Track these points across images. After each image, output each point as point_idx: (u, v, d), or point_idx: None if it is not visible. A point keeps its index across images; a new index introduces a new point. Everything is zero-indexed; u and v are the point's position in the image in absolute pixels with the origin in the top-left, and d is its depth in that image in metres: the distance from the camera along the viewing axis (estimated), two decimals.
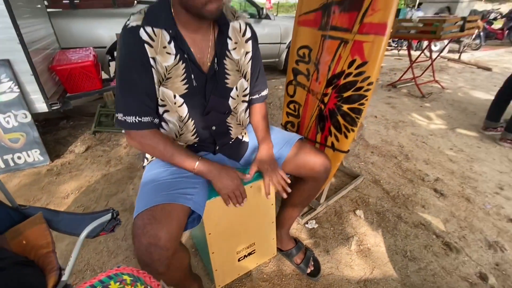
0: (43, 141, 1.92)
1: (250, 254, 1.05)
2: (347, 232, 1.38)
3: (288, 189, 0.90)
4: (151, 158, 0.90)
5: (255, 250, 1.06)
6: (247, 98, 0.93)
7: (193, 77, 0.76)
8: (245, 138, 1.01)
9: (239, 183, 0.83)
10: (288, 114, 1.46)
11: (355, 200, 1.60)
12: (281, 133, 1.04)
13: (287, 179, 0.91)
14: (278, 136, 1.01)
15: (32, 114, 1.83)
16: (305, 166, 0.93)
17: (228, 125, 0.91)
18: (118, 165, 1.97)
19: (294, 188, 1.03)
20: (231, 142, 0.97)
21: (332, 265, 1.22)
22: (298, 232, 1.39)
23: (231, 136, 0.95)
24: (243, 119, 0.96)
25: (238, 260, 1.03)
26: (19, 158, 1.86)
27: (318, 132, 1.28)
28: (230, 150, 0.97)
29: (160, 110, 0.79)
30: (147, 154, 0.91)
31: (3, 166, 1.84)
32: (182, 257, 0.76)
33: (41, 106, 1.87)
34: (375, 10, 0.94)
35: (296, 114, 1.42)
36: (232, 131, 0.93)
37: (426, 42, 3.53)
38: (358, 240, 1.34)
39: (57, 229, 0.90)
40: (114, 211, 0.82)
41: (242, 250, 1.02)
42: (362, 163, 1.97)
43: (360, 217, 1.47)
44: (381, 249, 1.30)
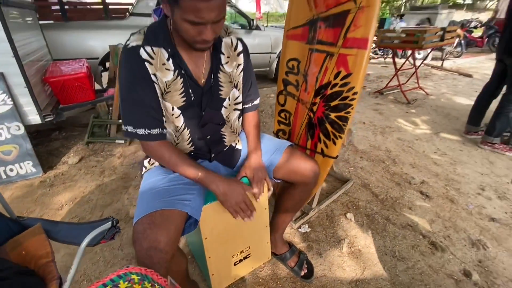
0: (35, 152, 1.92)
1: (245, 258, 1.09)
2: (339, 235, 1.43)
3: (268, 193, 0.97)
4: (150, 166, 0.93)
5: (250, 254, 1.10)
6: (239, 107, 0.98)
7: (191, 91, 0.81)
8: (238, 146, 1.05)
9: (245, 198, 0.83)
10: (279, 122, 1.52)
11: (346, 204, 1.66)
12: (272, 140, 1.10)
13: (270, 187, 0.98)
14: (269, 143, 1.06)
15: (25, 126, 1.83)
16: (295, 171, 0.99)
17: (222, 133, 0.96)
18: (112, 175, 1.98)
19: (285, 193, 1.08)
20: (225, 150, 1.02)
21: (325, 267, 1.26)
22: (291, 236, 1.43)
23: (225, 144, 1.00)
24: (237, 127, 1.01)
25: (234, 264, 1.06)
26: (11, 170, 1.85)
27: (308, 139, 1.35)
28: (225, 158, 1.01)
29: None
30: (145, 163, 0.95)
31: None
32: (180, 261, 0.79)
33: (34, 118, 1.88)
34: (357, 26, 1.02)
35: (287, 122, 1.48)
36: (226, 139, 0.98)
37: (410, 51, 3.70)
38: (349, 242, 1.39)
39: (56, 239, 0.91)
40: (114, 219, 0.85)
41: (237, 254, 1.05)
42: (351, 168, 2.04)
43: (350, 220, 1.53)
44: (371, 250, 1.35)
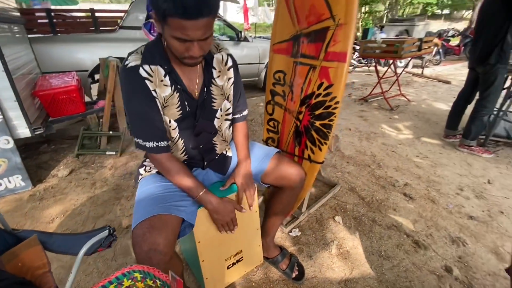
0: (24, 166, 1.91)
1: (238, 261, 1.13)
2: (328, 237, 1.49)
3: (255, 201, 1.05)
4: (146, 174, 0.98)
5: (243, 257, 1.14)
6: (230, 117, 1.04)
7: (186, 103, 0.87)
8: (229, 153, 1.11)
9: (234, 216, 0.95)
10: (268, 130, 1.59)
11: (334, 207, 1.73)
12: (261, 148, 1.16)
13: (255, 195, 1.05)
14: (258, 150, 1.13)
15: (14, 139, 1.82)
16: (282, 176, 1.05)
17: (213, 142, 1.02)
18: (103, 186, 1.98)
19: (274, 197, 1.14)
20: (217, 158, 1.07)
21: (315, 268, 1.31)
22: (282, 240, 1.48)
23: (217, 152, 1.05)
24: (227, 136, 1.07)
25: (227, 268, 1.10)
26: (0, 184, 1.83)
27: (296, 146, 1.42)
28: (217, 165, 1.07)
29: None
30: (141, 170, 0.99)
31: None
32: (177, 264, 0.83)
33: (24, 132, 1.88)
34: (336, 41, 1.12)
35: (275, 130, 1.55)
36: (217, 148, 1.04)
37: (391, 60, 3.90)
38: (338, 244, 1.45)
39: (52, 250, 0.93)
40: (110, 228, 0.88)
41: (230, 258, 1.09)
42: (339, 173, 2.12)
43: (339, 223, 1.59)
44: (358, 251, 1.41)
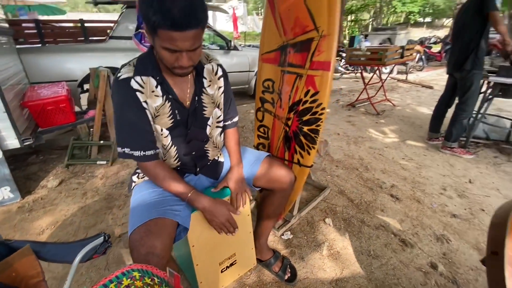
0: (13, 177, 1.88)
1: (232, 264, 1.15)
2: (319, 239, 1.53)
3: (246, 204, 1.07)
4: (139, 181, 1.00)
5: (236, 260, 1.16)
6: (221, 124, 1.08)
7: (177, 112, 0.91)
8: (220, 159, 1.15)
9: (229, 216, 0.94)
10: (259, 136, 1.64)
11: (324, 210, 1.78)
12: (251, 152, 1.21)
13: (250, 196, 1.08)
14: (249, 155, 1.17)
15: (3, 151, 1.80)
16: (273, 179, 1.09)
17: (205, 149, 1.06)
18: (95, 196, 1.97)
19: (265, 200, 1.19)
20: (209, 163, 1.10)
21: (307, 270, 1.34)
22: (275, 243, 1.51)
23: (209, 158, 1.09)
24: (219, 142, 1.11)
25: (221, 271, 1.12)
26: None
27: (286, 151, 1.47)
28: (209, 170, 1.10)
29: None
30: (134, 178, 1.02)
31: None
32: (173, 267, 0.85)
33: (13, 143, 1.86)
34: (321, 51, 1.18)
35: (266, 136, 1.60)
36: (209, 154, 1.08)
37: (376, 67, 4.05)
38: (329, 245, 1.49)
39: (45, 259, 0.93)
40: (105, 234, 0.89)
41: (224, 261, 1.12)
42: (328, 176, 2.18)
43: (329, 224, 1.64)
44: (348, 251, 1.46)
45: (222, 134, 1.13)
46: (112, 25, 3.50)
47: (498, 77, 2.36)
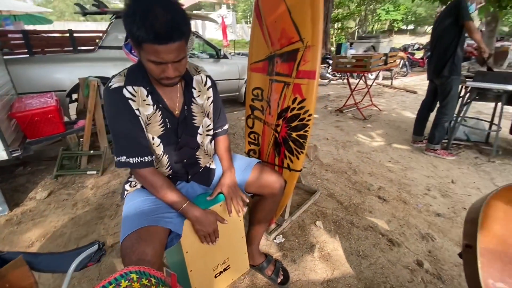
0: (0, 190, 1.85)
1: (225, 270, 1.17)
2: (310, 241, 1.57)
3: (243, 210, 1.08)
4: (131, 189, 1.02)
5: (230, 265, 1.19)
6: (211, 132, 1.12)
7: (167, 120, 0.94)
8: (212, 166, 1.18)
9: (215, 227, 0.99)
10: (249, 143, 1.68)
11: (315, 213, 1.82)
12: (242, 159, 1.24)
13: (246, 200, 1.10)
14: (240, 162, 1.21)
15: None
16: (264, 185, 1.13)
17: (197, 157, 1.09)
18: (85, 207, 1.95)
19: (257, 206, 1.22)
20: (201, 171, 1.13)
21: (299, 272, 1.38)
22: (267, 247, 1.54)
23: (201, 165, 1.12)
24: (210, 150, 1.14)
25: (215, 276, 1.14)
26: None
27: (276, 156, 1.51)
28: (201, 178, 1.13)
29: None
30: (127, 186, 1.03)
31: None
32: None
33: (0, 155, 1.84)
34: (306, 61, 1.25)
35: (256, 142, 1.64)
36: (201, 161, 1.11)
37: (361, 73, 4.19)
38: (320, 247, 1.53)
39: (39, 269, 0.93)
40: (100, 242, 0.91)
41: (217, 267, 1.14)
42: (318, 180, 2.24)
43: (320, 227, 1.68)
44: (339, 252, 1.50)
45: (213, 142, 1.16)
46: (101, 35, 3.51)
47: (475, 82, 2.50)
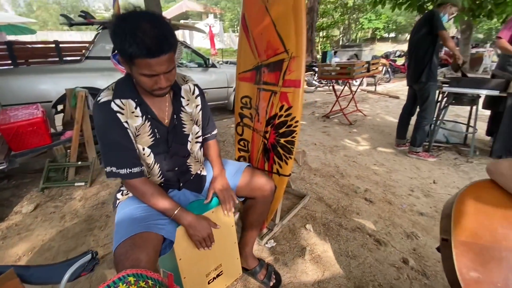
0: None
1: (218, 275, 1.19)
2: (301, 244, 1.61)
3: (232, 209, 1.12)
4: (123, 198, 1.03)
5: (223, 271, 1.21)
6: (200, 139, 1.15)
7: (156, 131, 0.97)
8: (203, 172, 1.21)
9: (210, 231, 1.00)
10: (239, 149, 1.72)
11: (305, 216, 1.87)
12: (232, 164, 1.28)
13: (236, 200, 1.14)
14: (230, 167, 1.25)
15: None
16: (254, 188, 1.17)
17: (188, 164, 1.12)
18: (74, 219, 1.92)
19: (248, 210, 1.26)
20: (192, 178, 1.16)
21: (291, 275, 1.41)
22: (259, 252, 1.57)
23: (192, 172, 1.15)
24: (200, 157, 1.17)
25: (208, 282, 1.16)
26: None
27: (265, 162, 1.56)
28: (193, 185, 1.16)
29: None
30: (118, 195, 1.05)
31: None
32: None
33: None
34: (291, 70, 1.31)
35: (246, 149, 1.68)
36: (192, 168, 1.14)
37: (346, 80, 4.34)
38: (310, 250, 1.57)
39: (30, 282, 0.93)
40: (93, 252, 0.92)
41: (211, 273, 1.15)
42: (307, 185, 2.30)
43: (310, 230, 1.73)
44: (329, 254, 1.54)
45: (202, 149, 1.20)
46: (87, 45, 3.50)
47: (451, 87, 2.66)
